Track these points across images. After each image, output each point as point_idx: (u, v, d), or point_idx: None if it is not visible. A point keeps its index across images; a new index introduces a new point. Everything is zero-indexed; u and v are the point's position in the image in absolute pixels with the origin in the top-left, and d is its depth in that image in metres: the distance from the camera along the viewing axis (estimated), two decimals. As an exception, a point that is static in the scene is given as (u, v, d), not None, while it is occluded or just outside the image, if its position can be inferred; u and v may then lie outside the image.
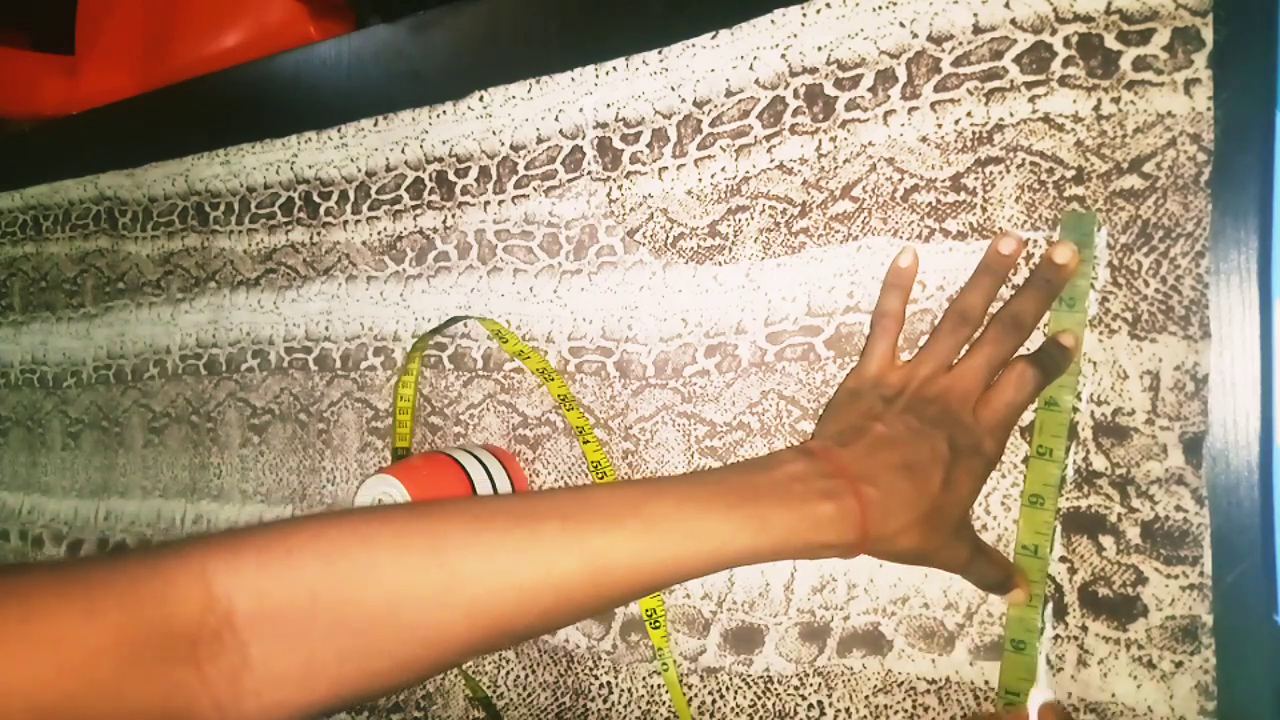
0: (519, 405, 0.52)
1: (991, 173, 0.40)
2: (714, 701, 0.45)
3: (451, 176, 0.56)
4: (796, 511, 0.34)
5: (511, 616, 0.31)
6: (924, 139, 0.42)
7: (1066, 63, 0.39)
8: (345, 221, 0.60)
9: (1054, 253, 0.38)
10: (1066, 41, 0.39)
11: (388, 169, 0.58)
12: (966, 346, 0.39)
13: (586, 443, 0.49)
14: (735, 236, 0.46)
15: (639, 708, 0.47)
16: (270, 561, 0.30)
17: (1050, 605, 0.38)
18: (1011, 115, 0.40)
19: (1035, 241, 0.39)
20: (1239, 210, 0.36)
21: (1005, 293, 0.40)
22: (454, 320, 0.55)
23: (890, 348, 0.41)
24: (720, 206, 0.46)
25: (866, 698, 0.41)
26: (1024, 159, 0.40)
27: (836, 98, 0.44)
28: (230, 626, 0.28)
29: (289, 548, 0.30)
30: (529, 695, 0.50)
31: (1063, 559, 0.38)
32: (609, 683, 0.48)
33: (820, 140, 0.44)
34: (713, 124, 0.47)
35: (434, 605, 0.30)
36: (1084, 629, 0.37)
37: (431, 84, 0.57)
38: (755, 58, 0.46)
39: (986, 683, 0.39)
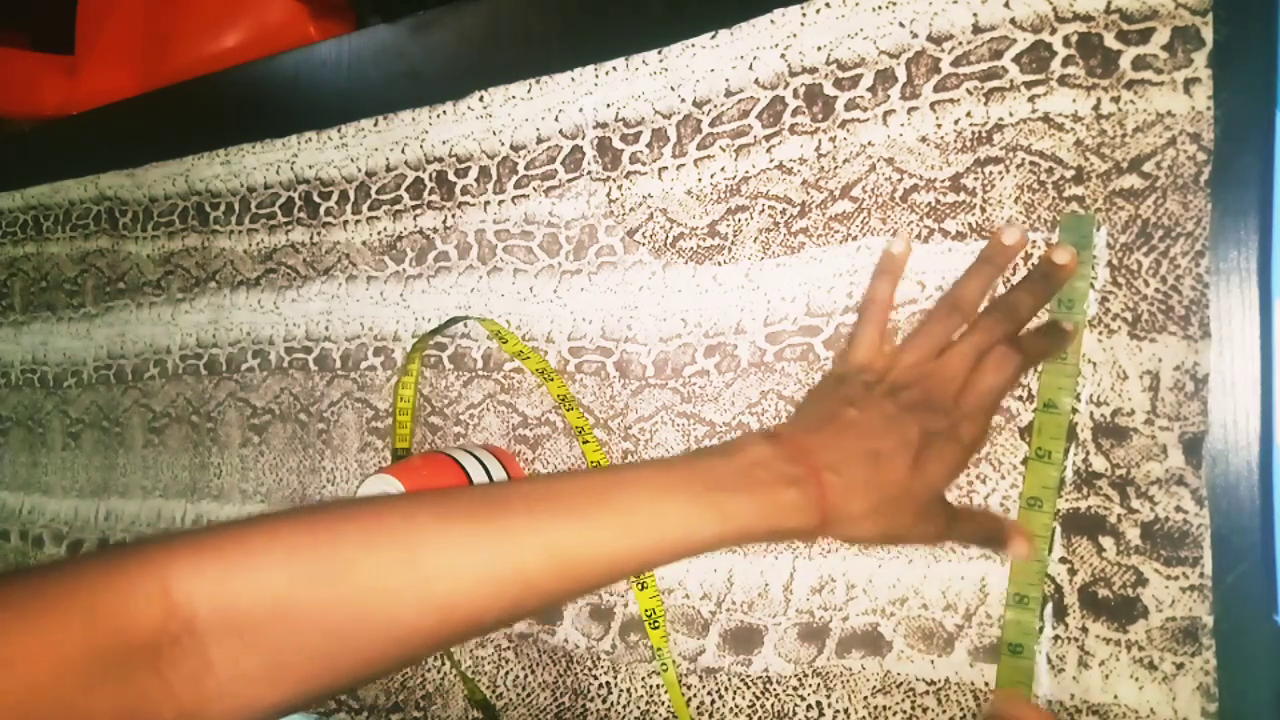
0: (519, 405, 0.52)
1: (991, 173, 0.40)
2: (713, 702, 0.45)
3: (451, 176, 0.56)
4: (760, 498, 0.34)
5: (480, 610, 0.31)
6: (923, 139, 0.42)
7: (1066, 62, 0.39)
8: (345, 221, 0.60)
9: (1053, 253, 0.38)
10: (1066, 41, 0.39)
11: (388, 169, 0.58)
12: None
13: (586, 443, 0.49)
14: (735, 236, 0.46)
15: (638, 708, 0.47)
16: (233, 563, 0.29)
17: (1050, 606, 0.38)
18: (1011, 115, 0.40)
19: (1034, 243, 0.39)
20: (1239, 210, 0.36)
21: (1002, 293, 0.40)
22: (454, 320, 0.54)
23: (878, 334, 0.40)
24: (720, 206, 0.46)
25: (865, 698, 0.41)
26: (1023, 159, 0.39)
27: (836, 98, 0.44)
28: (191, 631, 0.27)
29: (252, 548, 0.29)
30: (528, 695, 0.50)
31: (1063, 560, 0.38)
32: (608, 683, 0.48)
33: (820, 140, 0.44)
34: (712, 124, 0.47)
35: (402, 602, 0.30)
36: (1084, 630, 0.37)
37: (431, 84, 0.57)
38: (755, 58, 0.46)
39: (986, 684, 0.39)
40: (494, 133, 0.54)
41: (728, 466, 0.35)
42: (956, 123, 0.41)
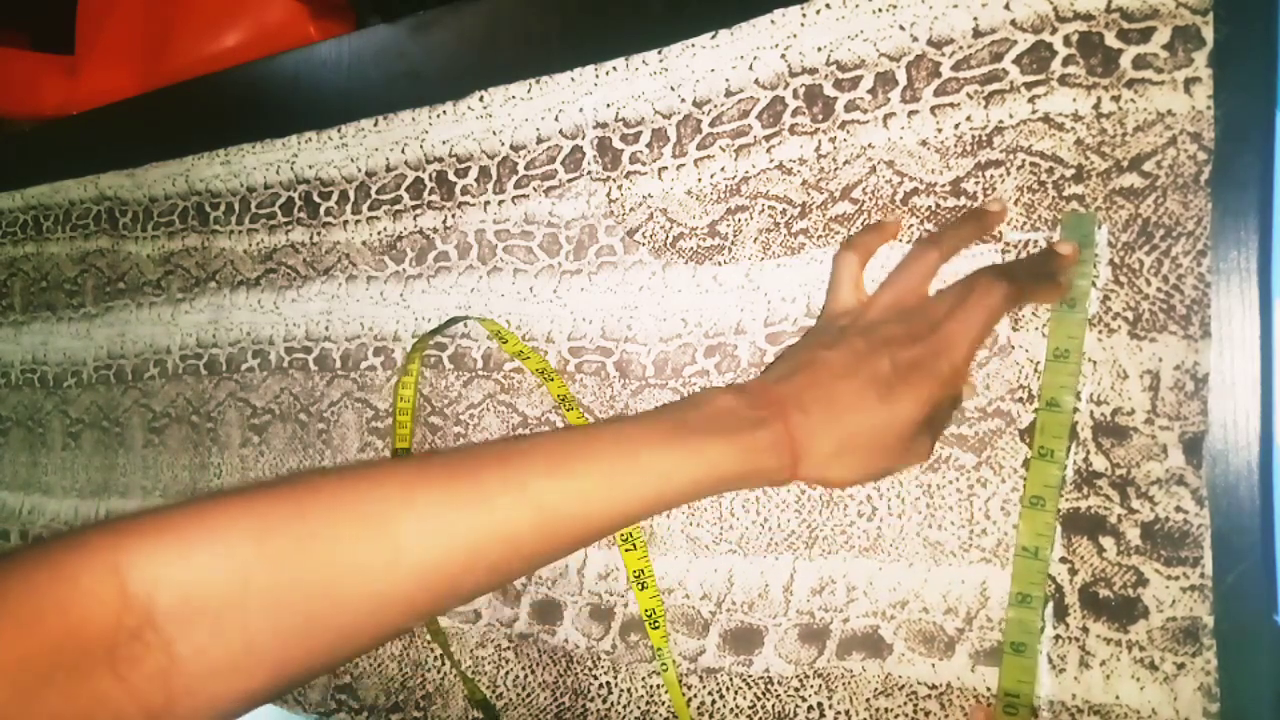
0: (519, 405, 0.52)
1: (991, 176, 0.40)
2: (713, 702, 0.45)
3: (451, 176, 0.56)
4: (732, 443, 0.34)
5: (459, 575, 0.30)
6: (924, 143, 0.42)
7: (1066, 61, 0.39)
8: (345, 221, 0.60)
9: (1057, 245, 0.38)
10: (1067, 40, 0.39)
11: (388, 169, 0.58)
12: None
13: (586, 443, 0.49)
14: (735, 237, 0.46)
15: (638, 708, 0.47)
16: (194, 542, 0.27)
17: (1051, 606, 0.38)
18: (1011, 117, 0.40)
19: (1035, 242, 0.39)
20: (1239, 210, 0.36)
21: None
22: (454, 320, 0.54)
23: (851, 280, 0.40)
24: (720, 206, 0.46)
25: (867, 700, 0.41)
26: (1024, 160, 0.39)
27: (836, 99, 0.44)
28: (151, 624, 0.25)
29: (213, 525, 0.27)
30: (528, 695, 0.50)
31: (1063, 560, 0.38)
32: (608, 683, 0.48)
33: (820, 141, 0.44)
34: (712, 124, 0.47)
35: (378, 574, 0.29)
36: (1085, 630, 0.37)
37: (431, 84, 0.57)
38: (755, 58, 0.46)
39: (988, 689, 0.39)
40: (494, 133, 0.54)
41: (696, 414, 0.35)
42: (957, 127, 0.41)
